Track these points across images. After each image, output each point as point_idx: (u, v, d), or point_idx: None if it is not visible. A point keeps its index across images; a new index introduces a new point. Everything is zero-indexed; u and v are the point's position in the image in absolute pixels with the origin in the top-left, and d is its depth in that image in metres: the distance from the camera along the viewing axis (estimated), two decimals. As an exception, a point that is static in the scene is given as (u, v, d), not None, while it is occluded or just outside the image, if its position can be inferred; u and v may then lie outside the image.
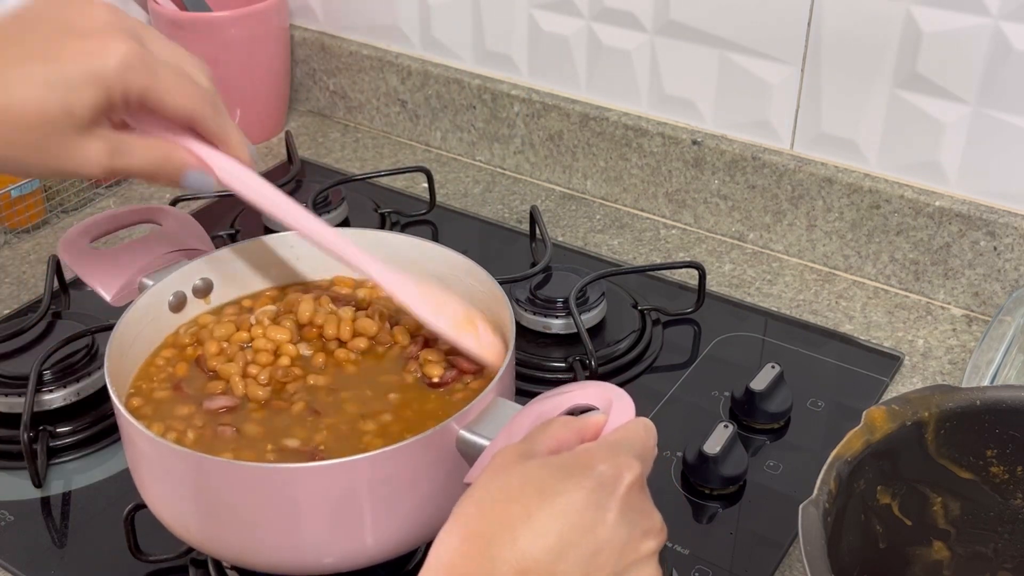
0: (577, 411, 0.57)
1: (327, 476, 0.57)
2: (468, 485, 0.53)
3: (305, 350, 0.69)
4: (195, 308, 0.72)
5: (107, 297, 0.71)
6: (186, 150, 0.61)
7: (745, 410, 0.81)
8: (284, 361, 0.67)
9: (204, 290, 0.73)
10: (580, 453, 0.50)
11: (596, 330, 0.89)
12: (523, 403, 0.60)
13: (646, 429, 0.53)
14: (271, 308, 0.72)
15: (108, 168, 0.58)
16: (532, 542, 0.46)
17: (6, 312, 0.95)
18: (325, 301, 0.71)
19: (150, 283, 0.70)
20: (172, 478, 0.60)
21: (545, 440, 0.52)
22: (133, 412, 0.63)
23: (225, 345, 0.69)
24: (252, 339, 0.69)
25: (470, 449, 0.59)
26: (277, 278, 0.75)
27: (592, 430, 0.53)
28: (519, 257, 1.00)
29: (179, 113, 0.59)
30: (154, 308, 0.69)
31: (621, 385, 0.61)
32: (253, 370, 0.67)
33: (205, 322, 0.72)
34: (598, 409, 0.56)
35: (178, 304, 0.71)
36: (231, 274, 0.74)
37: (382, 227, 1.05)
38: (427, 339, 0.69)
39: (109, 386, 0.61)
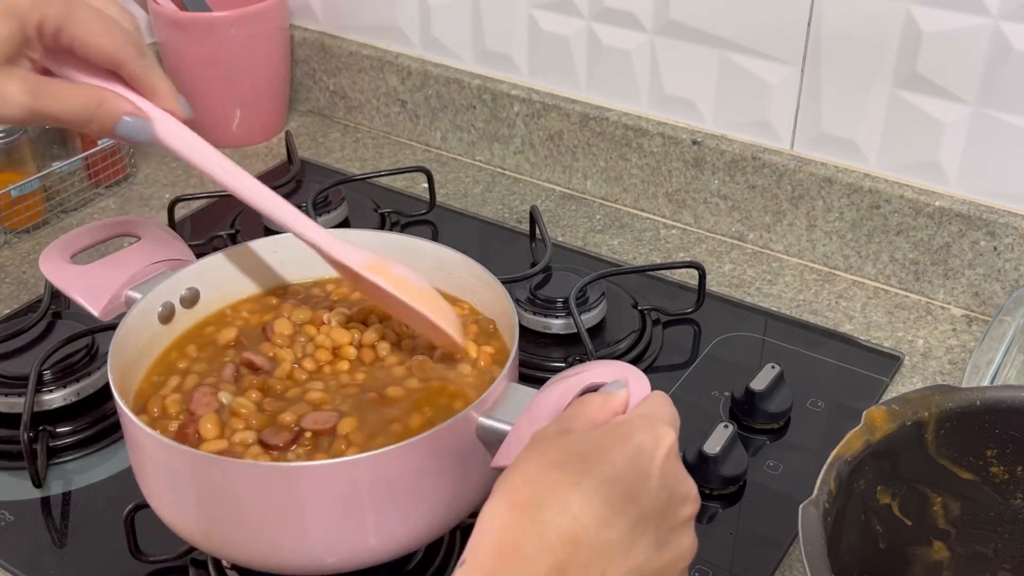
0: (593, 390, 0.57)
1: (334, 474, 0.56)
2: (496, 470, 0.53)
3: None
4: (183, 317, 0.72)
5: (95, 312, 0.70)
6: (120, 96, 0.59)
7: (745, 410, 0.81)
8: (343, 366, 0.67)
9: (191, 299, 0.72)
10: (617, 424, 0.51)
11: (596, 330, 0.89)
12: None
13: (666, 399, 0.54)
14: (343, 312, 0.71)
15: (30, 109, 0.56)
16: (581, 509, 0.46)
17: (6, 312, 0.95)
18: (398, 325, 0.71)
19: (137, 296, 0.70)
20: (175, 477, 0.60)
21: (581, 420, 0.53)
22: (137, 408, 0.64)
23: (295, 330, 0.70)
24: (316, 335, 0.70)
25: (491, 435, 0.59)
26: (263, 283, 0.75)
27: (621, 405, 0.55)
28: (519, 257, 1.00)
29: (101, 53, 0.57)
30: (146, 319, 0.69)
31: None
32: (308, 364, 0.67)
33: (280, 294, 0.73)
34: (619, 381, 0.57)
35: (167, 315, 0.71)
36: (217, 282, 0.74)
37: (382, 227, 1.05)
38: None
39: (114, 390, 0.61)
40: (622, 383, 0.56)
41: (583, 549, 0.46)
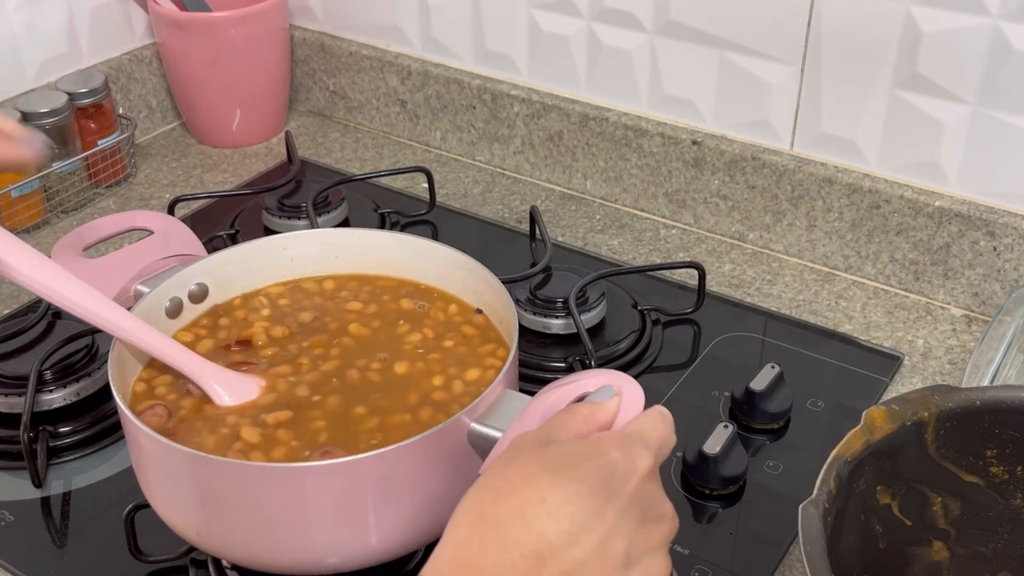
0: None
1: (334, 475, 0.57)
2: None
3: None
4: (191, 313, 0.73)
5: None
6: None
7: (745, 410, 0.81)
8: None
9: (199, 295, 0.73)
10: (595, 441, 0.51)
11: (596, 330, 0.89)
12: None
13: (663, 418, 0.54)
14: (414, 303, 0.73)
15: None
16: (546, 526, 0.46)
17: (6, 312, 0.95)
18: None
19: (146, 290, 0.70)
20: (175, 477, 0.60)
21: (563, 432, 0.52)
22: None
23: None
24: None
25: (482, 441, 0.59)
26: (272, 279, 0.76)
27: (608, 417, 0.54)
28: (519, 257, 1.00)
29: None
30: (152, 314, 0.69)
31: (621, 385, 0.61)
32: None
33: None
34: (610, 386, 0.56)
35: (174, 309, 0.71)
36: (226, 278, 0.74)
37: (382, 227, 1.05)
38: None
39: (114, 391, 0.61)
40: (612, 390, 0.56)
41: (547, 566, 0.45)
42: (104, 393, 0.83)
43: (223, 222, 1.06)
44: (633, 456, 0.50)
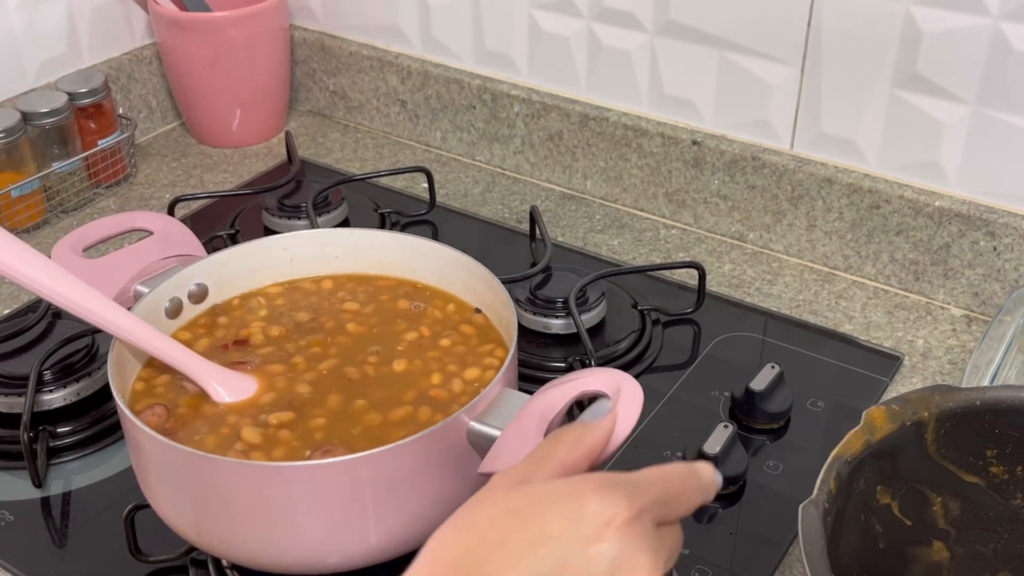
0: (585, 398, 0.57)
1: (333, 474, 0.57)
2: (482, 475, 0.52)
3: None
4: (191, 313, 0.73)
5: None
6: None
7: (745, 410, 0.81)
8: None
9: (199, 295, 0.73)
10: (572, 482, 0.47)
11: (596, 330, 0.89)
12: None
13: (688, 473, 0.50)
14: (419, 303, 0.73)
15: None
16: (502, 569, 0.44)
17: (6, 312, 0.95)
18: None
19: (145, 290, 0.70)
20: (175, 477, 0.60)
21: (548, 464, 0.49)
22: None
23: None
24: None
25: (481, 440, 0.59)
26: (272, 280, 0.76)
27: (599, 439, 0.51)
28: (519, 257, 1.00)
29: None
30: (151, 315, 0.69)
31: (621, 385, 0.61)
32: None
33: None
34: (607, 398, 0.56)
35: (174, 310, 0.71)
36: (226, 278, 0.74)
37: (382, 227, 1.05)
38: None
39: (114, 391, 0.61)
40: (608, 406, 0.54)
41: None
42: (104, 393, 0.83)
43: (223, 222, 1.06)
44: (609, 503, 0.45)
